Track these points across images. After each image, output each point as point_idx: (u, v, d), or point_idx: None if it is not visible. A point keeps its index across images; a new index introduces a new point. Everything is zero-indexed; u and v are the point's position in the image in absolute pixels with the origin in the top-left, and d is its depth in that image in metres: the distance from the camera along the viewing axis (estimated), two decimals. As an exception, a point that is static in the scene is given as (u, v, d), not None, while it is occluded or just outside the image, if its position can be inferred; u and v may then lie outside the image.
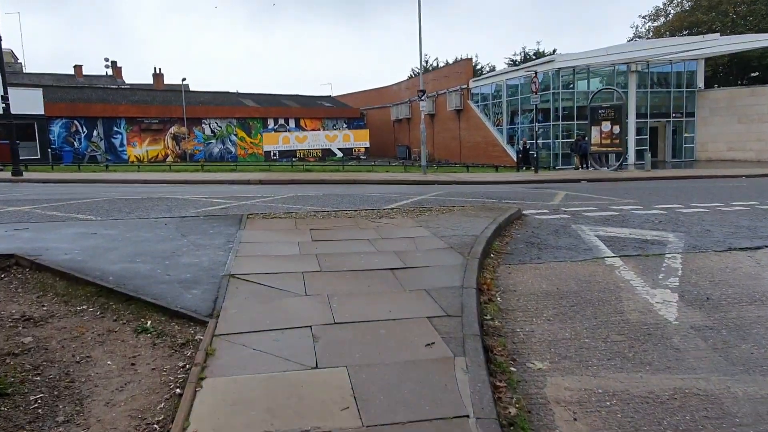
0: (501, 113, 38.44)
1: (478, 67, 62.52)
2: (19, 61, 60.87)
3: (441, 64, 71.16)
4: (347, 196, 12.37)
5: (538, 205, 10.81)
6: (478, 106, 41.46)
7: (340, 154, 22.51)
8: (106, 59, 64.65)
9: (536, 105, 22.76)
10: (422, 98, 21.66)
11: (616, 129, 23.61)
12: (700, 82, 36.10)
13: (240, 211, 9.55)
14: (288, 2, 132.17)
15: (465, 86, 42.79)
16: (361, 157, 22.61)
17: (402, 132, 54.58)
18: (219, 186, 16.56)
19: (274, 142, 21.94)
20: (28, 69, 60.12)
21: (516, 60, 66.65)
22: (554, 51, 64.86)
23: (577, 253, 6.59)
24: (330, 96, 60.04)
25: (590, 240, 7.31)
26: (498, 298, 4.92)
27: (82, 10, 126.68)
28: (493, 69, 61.57)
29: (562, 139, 33.08)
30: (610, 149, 24.29)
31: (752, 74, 45.51)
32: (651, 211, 9.90)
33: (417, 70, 76.06)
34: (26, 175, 20.76)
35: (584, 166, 27.61)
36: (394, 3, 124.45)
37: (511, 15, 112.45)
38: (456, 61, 44.68)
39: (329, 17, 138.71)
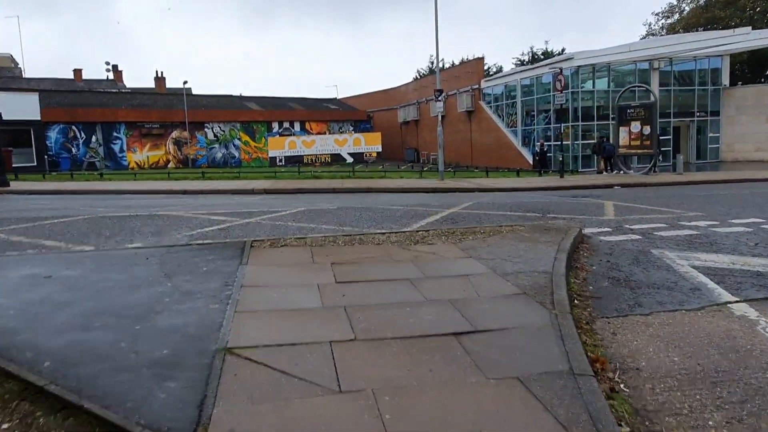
0: (515, 114, 36.82)
1: (485, 68, 60.86)
2: (18, 66, 59.68)
3: (447, 65, 69.73)
4: (366, 210, 10.78)
5: (593, 221, 9.20)
6: (491, 106, 39.85)
7: (350, 160, 20.94)
8: (107, 63, 63.53)
9: (561, 104, 21.12)
10: (439, 98, 20.10)
11: (647, 129, 21.97)
12: (725, 80, 34.37)
13: (242, 233, 7.99)
14: (284, 7, 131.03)
15: (476, 86, 41.19)
16: (369, 161, 20.95)
17: (410, 134, 53.03)
18: (220, 197, 15.02)
19: (280, 147, 20.37)
20: (28, 74, 58.93)
21: (524, 60, 65.11)
22: (563, 50, 63.27)
23: (685, 297, 4.98)
24: (336, 98, 58.57)
25: (689, 274, 5.70)
26: (622, 386, 3.32)
27: (83, 16, 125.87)
28: (500, 70, 59.98)
29: (582, 140, 31.42)
30: (639, 151, 22.64)
31: (768, 72, 43.81)
32: (732, 228, 8.27)
33: (423, 72, 74.60)
34: (14, 185, 19.28)
35: (608, 169, 25.96)
36: (397, 3, 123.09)
37: (513, 15, 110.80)
38: (466, 61, 43.05)
39: (328, 20, 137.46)
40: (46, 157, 36.34)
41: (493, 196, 14.66)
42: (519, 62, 64.75)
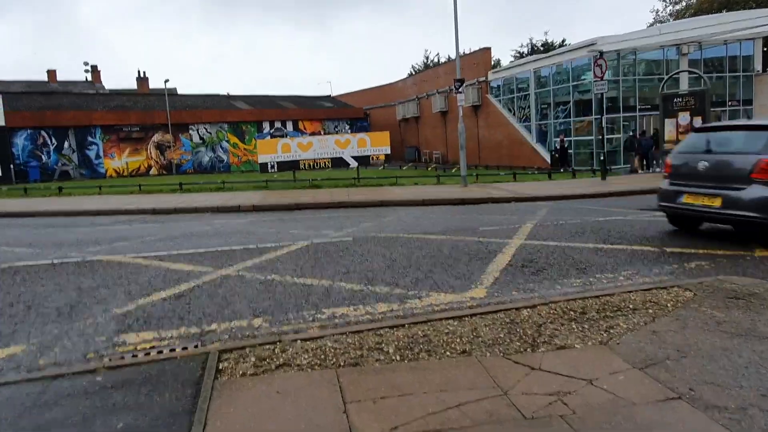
0: (528, 107, 33.67)
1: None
2: (-11, 68, 55.87)
3: (443, 60, 66.48)
4: (394, 244, 7.55)
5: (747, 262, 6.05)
6: (500, 100, 36.70)
7: (354, 164, 17.73)
8: (86, 63, 59.94)
9: (603, 92, 17.99)
10: (460, 89, 16.90)
11: (698, 121, 18.86)
12: (758, 65, 31.38)
13: (210, 308, 4.77)
14: (247, 7, 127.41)
15: (483, 79, 38.02)
16: (378, 164, 17.70)
17: (410, 132, 49.88)
18: (196, 219, 11.75)
19: (271, 151, 17.11)
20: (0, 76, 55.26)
21: (523, 53, 62.14)
22: (563, 41, 60.23)
23: None
24: (330, 96, 55.33)
25: None
26: None
27: (58, 16, 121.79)
28: (498, 63, 56.84)
29: (607, 134, 28.28)
30: (690, 147, 19.53)
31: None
32: None
33: (418, 67, 71.21)
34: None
35: (645, 167, 22.88)
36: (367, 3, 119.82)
37: (507, 6, 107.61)
38: (471, 53, 39.89)
39: (305, 18, 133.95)
40: (12, 166, 32.88)
41: (543, 210, 11.49)
42: (518, 54, 61.75)
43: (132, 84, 54.80)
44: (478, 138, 39.59)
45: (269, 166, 18.39)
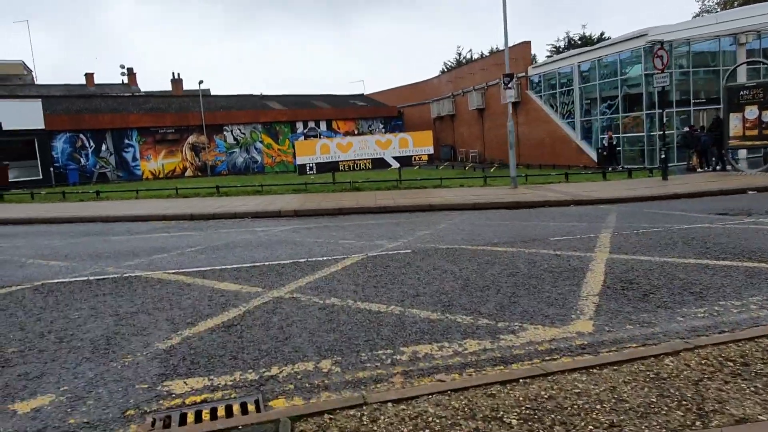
0: (572, 103, 32.26)
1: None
2: (30, 73, 57.22)
3: (477, 56, 65.11)
4: (461, 257, 6.71)
5: None
6: (541, 96, 35.38)
7: (395, 165, 16.93)
8: (122, 66, 60.71)
9: (663, 86, 16.73)
10: (509, 85, 15.90)
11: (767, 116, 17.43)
12: (823, 54, 29.28)
13: (268, 349, 4.01)
14: (268, 9, 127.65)
15: (523, 74, 36.71)
16: (420, 164, 16.91)
17: (445, 130, 48.80)
18: (236, 226, 11.14)
19: (310, 152, 16.42)
20: (40, 80, 56.51)
21: (559, 47, 60.38)
22: (602, 34, 58.20)
23: None
24: (363, 94, 54.73)
25: None
26: None
27: (89, 22, 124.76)
28: (534, 58, 55.22)
29: (659, 130, 26.75)
30: (759, 143, 18.10)
31: None
32: None
33: (450, 64, 69.87)
34: (-10, 210, 15.79)
35: (704, 165, 21.41)
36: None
37: (536, 1, 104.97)
38: (510, 47, 38.51)
39: (328, 18, 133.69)
40: (52, 169, 33.20)
41: (612, 215, 10.47)
42: (555, 49, 59.97)
43: (166, 86, 55.30)
44: (518, 136, 38.21)
45: (307, 167, 17.73)
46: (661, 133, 17.86)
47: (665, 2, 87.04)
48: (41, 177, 32.74)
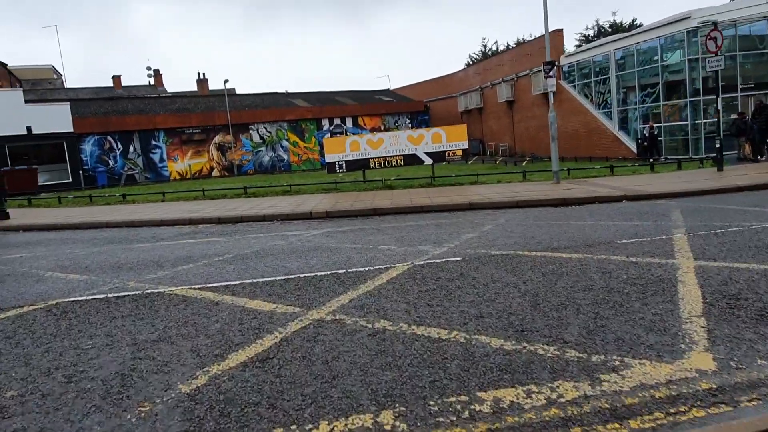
0: (608, 92, 30.91)
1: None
2: (60, 77, 58.02)
3: (501, 48, 63.55)
4: (521, 266, 5.89)
5: None
6: (574, 86, 34.05)
7: (429, 161, 16.14)
8: (148, 68, 61.13)
9: (719, 69, 15.52)
10: (549, 73, 14.91)
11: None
12: None
13: (313, 393, 3.26)
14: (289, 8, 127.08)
15: (555, 63, 35.41)
16: (452, 160, 16.14)
17: (473, 124, 47.63)
18: (266, 230, 10.50)
19: (339, 149, 15.73)
20: (69, 84, 57.27)
21: (588, 35, 58.58)
22: (633, 21, 56.21)
23: None
24: (388, 89, 53.93)
25: None
26: None
27: (114, 24, 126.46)
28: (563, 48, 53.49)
29: (704, 118, 25.34)
30: (823, 129, 16.73)
31: None
32: None
33: (476, 56, 68.32)
34: (17, 213, 15.55)
35: (756, 155, 20.01)
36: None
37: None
38: (540, 36, 37.24)
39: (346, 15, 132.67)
40: (81, 172, 33.29)
41: (675, 213, 9.50)
42: (584, 38, 58.15)
43: (192, 87, 55.42)
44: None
45: (337, 165, 17.05)
46: (716, 120, 16.60)
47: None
48: (71, 180, 32.86)
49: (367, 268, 6.30)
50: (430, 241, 7.97)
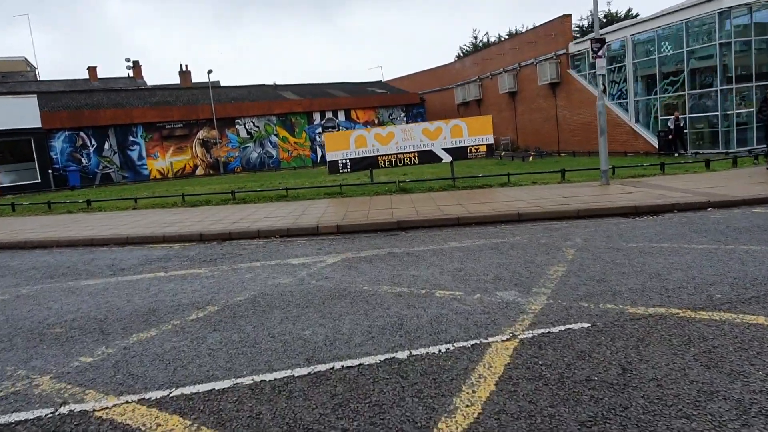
0: (623, 81, 28.61)
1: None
2: (33, 69, 54.53)
3: (492, 39, 61.11)
4: (694, 340, 3.45)
5: None
6: (584, 75, 31.71)
7: (447, 158, 13.67)
8: (127, 59, 57.85)
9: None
10: (599, 53, 12.45)
11: None
12: None
13: None
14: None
15: (563, 51, 33.06)
16: (476, 156, 13.83)
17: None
18: (260, 253, 7.96)
19: (342, 146, 13.16)
20: (43, 77, 53.86)
21: (583, 26, 56.44)
22: (629, 11, 54.15)
23: None
24: (381, 81, 51.32)
25: None
26: None
27: (91, 16, 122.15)
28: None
29: (737, 109, 23.14)
30: None
31: None
32: None
33: (466, 48, 65.43)
34: (-46, 229, 12.78)
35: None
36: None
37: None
38: (546, 23, 34.89)
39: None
40: (50, 171, 30.32)
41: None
42: (578, 29, 55.96)
43: (174, 80, 52.27)
44: (557, 120, 34.76)
45: (340, 164, 14.51)
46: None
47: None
48: (39, 180, 29.91)
49: (441, 349, 3.80)
50: (505, 279, 5.49)
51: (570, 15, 33.18)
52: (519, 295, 4.93)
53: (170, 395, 3.34)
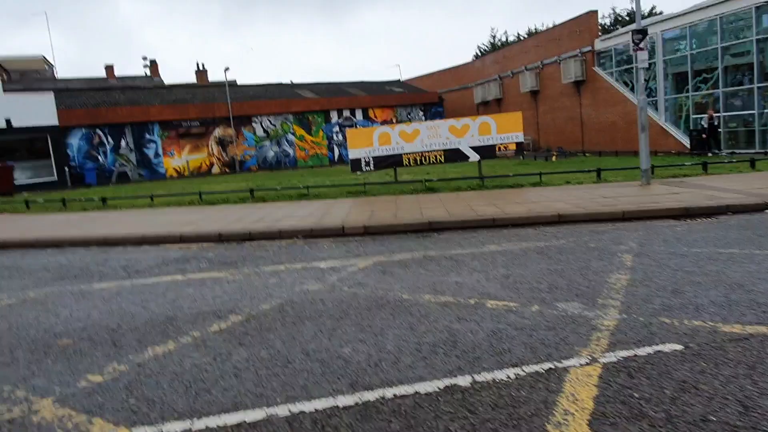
0: (653, 79, 27.68)
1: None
2: (51, 68, 54.80)
3: (512, 39, 60.16)
4: None
5: None
6: (611, 73, 30.81)
7: (475, 157, 13.05)
8: (144, 58, 57.92)
9: None
10: (640, 44, 11.76)
11: None
12: None
13: None
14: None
15: (588, 49, 32.17)
16: (507, 155, 13.07)
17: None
18: (283, 255, 7.42)
19: (366, 143, 12.55)
20: (61, 75, 54.09)
21: (605, 24, 55.24)
22: (653, 9, 52.93)
23: None
24: (399, 80, 50.72)
25: None
26: None
27: (107, 16, 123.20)
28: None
29: (762, 107, 22.14)
30: None
31: None
32: None
33: (485, 47, 64.51)
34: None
35: None
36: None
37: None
38: (571, 19, 34.02)
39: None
40: (67, 169, 30.20)
41: None
42: (600, 27, 54.85)
43: (191, 79, 52.20)
44: (582, 119, 33.88)
45: (363, 162, 13.94)
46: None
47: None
48: (56, 178, 29.78)
49: (509, 374, 3.20)
50: (562, 288, 4.88)
51: (596, 11, 32.36)
52: (584, 308, 4.31)
53: (192, 429, 2.78)
